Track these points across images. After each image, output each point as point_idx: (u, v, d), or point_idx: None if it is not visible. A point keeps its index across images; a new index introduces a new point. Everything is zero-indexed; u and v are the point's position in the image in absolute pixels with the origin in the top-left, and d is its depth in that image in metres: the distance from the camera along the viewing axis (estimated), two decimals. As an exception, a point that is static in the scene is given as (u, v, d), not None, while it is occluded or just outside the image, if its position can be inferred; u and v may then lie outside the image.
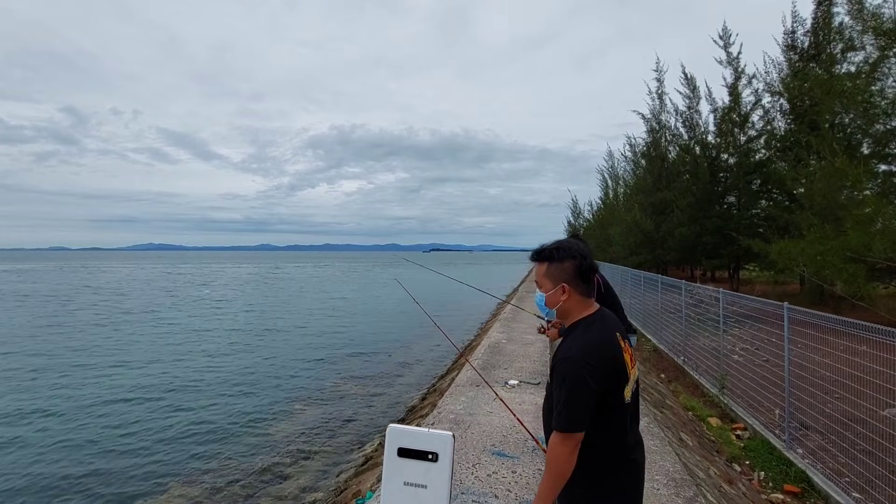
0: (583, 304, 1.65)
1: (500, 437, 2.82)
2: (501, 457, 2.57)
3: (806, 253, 9.05)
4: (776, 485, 4.75)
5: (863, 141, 12.93)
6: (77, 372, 11.07)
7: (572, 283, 1.64)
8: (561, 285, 1.64)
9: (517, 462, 2.50)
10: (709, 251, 19.60)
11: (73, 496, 5.70)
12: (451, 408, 3.29)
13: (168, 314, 20.97)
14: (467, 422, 3.07)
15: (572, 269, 1.64)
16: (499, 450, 2.67)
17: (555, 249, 1.69)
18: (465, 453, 2.66)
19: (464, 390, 3.73)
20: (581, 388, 1.47)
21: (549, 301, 1.67)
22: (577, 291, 1.64)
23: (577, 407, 1.46)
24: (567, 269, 1.65)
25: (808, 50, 15.33)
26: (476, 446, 2.72)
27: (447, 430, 2.65)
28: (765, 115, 17.86)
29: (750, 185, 18.55)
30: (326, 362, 12.09)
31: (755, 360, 6.84)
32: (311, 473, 6.05)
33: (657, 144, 24.79)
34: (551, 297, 1.67)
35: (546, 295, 1.68)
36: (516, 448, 2.66)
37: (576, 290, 1.64)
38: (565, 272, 1.65)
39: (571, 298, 1.64)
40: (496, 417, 3.15)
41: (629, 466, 1.60)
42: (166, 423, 7.91)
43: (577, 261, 1.65)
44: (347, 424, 7.69)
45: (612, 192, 37.81)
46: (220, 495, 5.60)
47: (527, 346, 5.59)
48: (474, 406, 3.35)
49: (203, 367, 11.65)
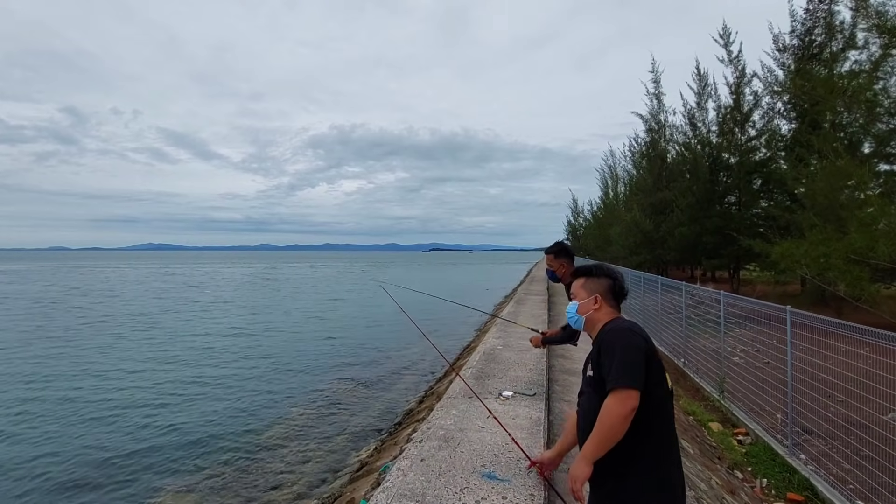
0: (611, 316, 1.81)
1: (491, 457, 2.72)
2: (492, 479, 2.46)
3: (809, 254, 8.97)
4: (779, 493, 4.67)
5: (864, 140, 12.86)
6: (59, 382, 10.94)
7: (605, 296, 1.84)
8: (595, 296, 1.84)
9: (508, 486, 2.39)
10: (709, 251, 19.54)
11: (58, 498, 5.61)
12: (441, 423, 3.19)
13: (156, 318, 20.84)
14: (457, 439, 2.97)
15: (607, 285, 1.86)
16: (489, 471, 2.56)
17: (595, 267, 1.94)
18: (452, 476, 2.54)
19: (455, 402, 3.64)
20: (633, 346, 1.59)
21: (582, 308, 1.85)
22: (607, 304, 1.83)
23: (631, 363, 1.56)
24: (603, 284, 1.87)
25: (809, 49, 15.26)
26: (465, 467, 2.61)
27: (436, 447, 2.57)
28: (765, 115, 17.81)
29: (751, 185, 18.49)
30: (321, 366, 11.99)
31: (756, 362, 6.77)
32: (305, 479, 5.96)
33: (656, 144, 24.78)
34: (584, 305, 1.85)
35: (580, 303, 1.87)
36: (508, 469, 2.56)
37: (606, 303, 1.83)
38: (601, 286, 1.87)
39: (602, 310, 1.82)
40: (488, 434, 3.06)
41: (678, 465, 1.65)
42: (157, 428, 7.80)
43: (613, 280, 1.88)
44: (343, 429, 7.59)
45: (612, 192, 37.79)
46: (213, 502, 5.50)
47: (523, 352, 5.49)
48: (465, 420, 3.25)
49: (193, 372, 11.54)
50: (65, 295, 30.02)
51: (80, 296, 29.47)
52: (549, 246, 3.70)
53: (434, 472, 2.54)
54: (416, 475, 2.51)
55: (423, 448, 2.83)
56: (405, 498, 2.36)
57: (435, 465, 2.61)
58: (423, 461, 2.66)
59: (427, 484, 2.44)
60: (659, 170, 23.74)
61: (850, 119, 12.80)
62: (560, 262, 3.67)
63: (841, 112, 12.64)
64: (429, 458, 2.70)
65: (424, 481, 2.47)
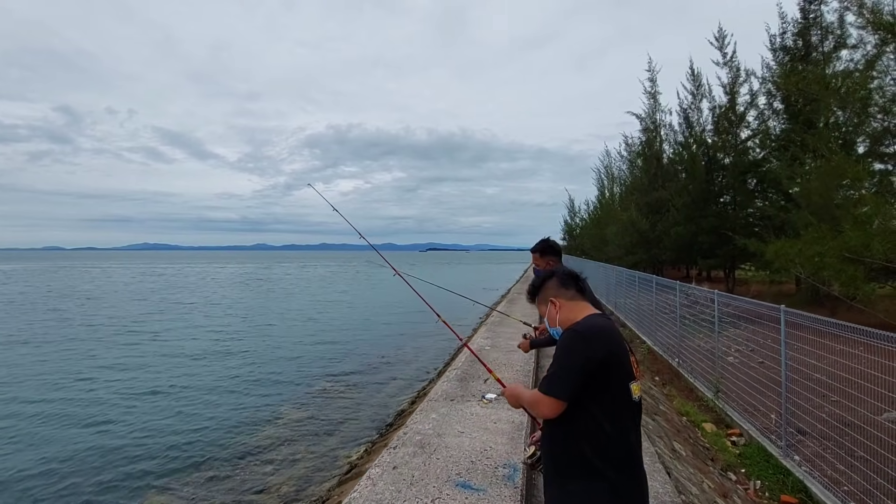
0: (577, 307, 1.73)
1: (467, 464, 2.56)
2: (466, 489, 2.31)
3: (803, 253, 8.88)
4: (773, 495, 4.58)
5: (857, 140, 12.83)
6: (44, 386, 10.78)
7: (558, 294, 1.77)
8: (549, 301, 1.78)
9: (483, 496, 2.23)
10: (704, 251, 19.54)
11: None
12: (420, 427, 3.03)
13: (135, 320, 20.64)
14: (434, 444, 2.81)
15: (552, 286, 1.81)
16: (464, 480, 2.40)
17: (532, 287, 1.91)
18: (424, 485, 2.39)
19: (436, 405, 3.47)
20: (577, 359, 1.51)
21: (550, 320, 1.80)
22: (565, 297, 1.76)
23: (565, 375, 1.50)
24: (549, 288, 1.82)
25: (805, 49, 15.25)
26: (439, 476, 2.46)
27: (410, 453, 2.42)
28: (760, 115, 17.81)
29: (745, 185, 18.48)
30: (312, 366, 11.86)
31: (750, 362, 6.69)
32: (293, 481, 5.83)
33: (652, 143, 24.76)
34: (549, 316, 1.80)
35: (547, 318, 1.82)
36: (484, 478, 2.40)
37: (563, 297, 1.76)
38: (548, 291, 1.81)
39: (563, 306, 1.75)
40: (466, 439, 2.90)
41: (637, 471, 1.54)
42: (139, 428, 7.67)
43: (553, 278, 1.83)
44: (333, 430, 7.48)
45: (608, 192, 37.75)
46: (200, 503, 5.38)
47: (510, 353, 5.34)
48: (444, 425, 3.08)
49: (180, 372, 11.42)
50: (43, 296, 29.58)
51: (57, 297, 28.96)
52: (535, 244, 3.45)
53: (406, 480, 2.41)
54: (386, 484, 2.38)
55: (397, 455, 2.70)
56: None
57: (407, 473, 2.48)
58: (395, 469, 2.52)
59: (396, 494, 2.31)
60: (655, 169, 23.73)
61: (844, 118, 12.77)
62: (546, 261, 3.47)
63: (835, 111, 12.60)
64: (401, 465, 2.55)
65: (394, 491, 2.33)
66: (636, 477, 1.52)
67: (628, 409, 1.52)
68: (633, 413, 1.55)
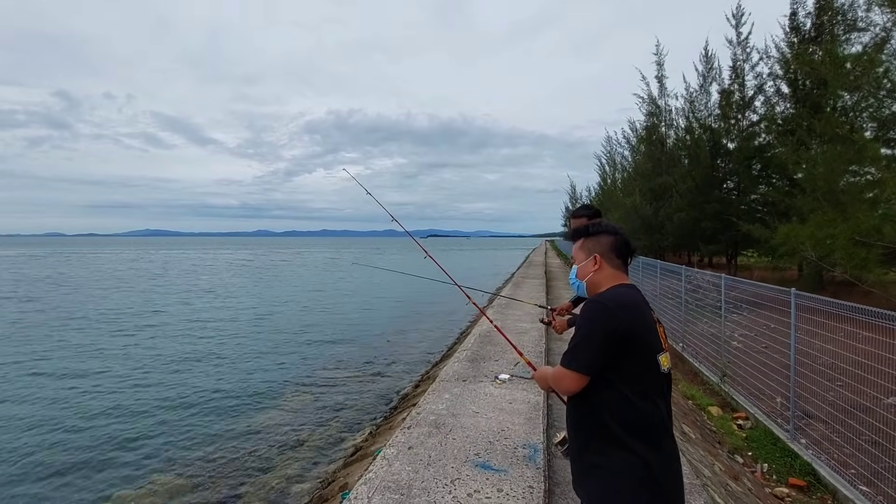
0: (614, 278, 1.64)
1: (485, 445, 2.50)
2: (486, 470, 2.24)
3: (814, 237, 8.79)
4: (780, 477, 4.57)
5: (865, 125, 12.66)
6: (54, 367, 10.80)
7: (606, 255, 1.65)
8: (593, 256, 1.66)
9: (504, 477, 2.16)
10: (707, 237, 19.47)
11: (45, 488, 5.50)
12: (433, 407, 2.97)
13: (147, 304, 20.69)
14: (449, 424, 2.75)
15: (608, 243, 1.67)
16: (483, 461, 2.34)
17: (591, 225, 1.73)
18: (442, 465, 2.33)
19: (448, 386, 3.42)
20: (597, 329, 1.45)
21: (581, 272, 1.69)
22: (609, 265, 1.65)
23: (587, 346, 1.45)
24: (602, 243, 1.67)
25: (810, 31, 15.04)
26: (457, 456, 2.39)
27: (425, 433, 2.36)
28: (767, 101, 17.60)
29: (750, 170, 18.34)
30: (316, 349, 11.89)
31: (755, 346, 6.68)
32: (297, 464, 5.84)
33: (656, 128, 24.53)
34: (583, 268, 1.68)
35: (578, 266, 1.70)
36: (504, 458, 2.33)
37: (609, 264, 1.65)
38: (600, 244, 1.67)
39: (603, 271, 1.64)
40: (482, 419, 2.84)
41: (668, 444, 1.46)
42: (147, 411, 7.69)
43: (614, 236, 1.67)
44: (337, 413, 7.49)
45: (610, 178, 37.52)
46: (204, 486, 5.40)
47: (521, 334, 5.28)
48: (459, 405, 3.02)
49: (184, 356, 11.43)
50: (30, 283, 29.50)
51: (53, 285, 29.05)
52: (577, 208, 3.38)
53: (422, 461, 2.34)
54: (403, 465, 2.32)
55: (412, 435, 2.63)
56: (388, 490, 2.18)
57: (424, 453, 2.42)
58: (410, 449, 2.46)
59: (414, 475, 2.27)
60: (659, 154, 23.55)
61: (852, 102, 12.59)
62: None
63: (843, 95, 12.43)
64: (417, 445, 2.49)
65: (411, 471, 2.30)
66: (667, 450, 1.46)
67: (656, 381, 1.47)
68: (662, 385, 1.49)
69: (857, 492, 4.05)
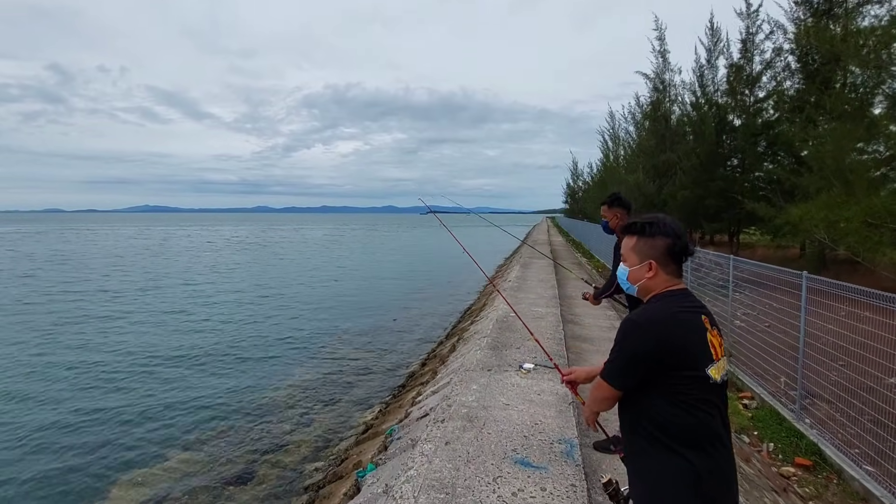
0: (667, 283, 1.56)
1: (520, 440, 2.47)
2: (527, 467, 2.20)
3: (828, 218, 8.73)
4: (786, 457, 4.68)
5: (875, 102, 12.48)
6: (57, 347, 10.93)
7: (661, 261, 1.55)
8: (648, 262, 1.56)
9: (546, 475, 2.12)
10: (710, 215, 19.39)
11: (71, 463, 5.64)
12: (463, 399, 2.97)
13: (158, 279, 20.77)
14: (482, 418, 2.72)
15: (664, 246, 1.55)
16: (522, 457, 2.29)
17: (647, 224, 1.59)
18: (482, 462, 2.32)
19: (474, 376, 3.43)
20: (627, 349, 1.46)
21: (632, 276, 1.60)
22: (664, 271, 1.55)
23: (619, 365, 1.47)
24: (658, 247, 1.56)
25: (822, 3, 14.64)
26: (495, 452, 2.34)
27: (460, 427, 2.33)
28: (775, 76, 17.25)
29: (756, 147, 18.13)
30: (322, 330, 11.98)
31: (758, 325, 6.75)
32: (310, 442, 5.97)
33: (660, 104, 24.15)
34: (635, 273, 1.59)
35: (630, 270, 1.61)
36: (542, 455, 2.31)
37: (663, 270, 1.55)
38: (655, 249, 1.56)
39: (657, 277, 1.56)
40: (514, 412, 2.85)
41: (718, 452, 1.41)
42: (161, 391, 7.82)
43: (671, 239, 1.55)
44: (347, 391, 7.60)
45: (613, 155, 37.15)
46: (219, 464, 5.54)
47: (538, 319, 5.29)
48: (488, 396, 3.03)
49: (195, 334, 11.59)
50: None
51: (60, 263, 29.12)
52: (612, 197, 3.65)
53: (462, 457, 2.38)
54: (443, 461, 2.39)
55: (447, 429, 2.63)
56: (433, 489, 2.16)
57: (462, 449, 2.47)
58: (447, 444, 2.43)
59: (455, 472, 2.31)
60: (663, 131, 23.25)
61: (863, 78, 12.38)
62: (614, 213, 3.57)
63: (853, 71, 12.20)
64: (454, 440, 2.47)
65: (452, 469, 2.34)
66: (718, 458, 1.41)
67: (704, 392, 1.41)
68: (713, 396, 1.43)
69: (862, 471, 4.17)
